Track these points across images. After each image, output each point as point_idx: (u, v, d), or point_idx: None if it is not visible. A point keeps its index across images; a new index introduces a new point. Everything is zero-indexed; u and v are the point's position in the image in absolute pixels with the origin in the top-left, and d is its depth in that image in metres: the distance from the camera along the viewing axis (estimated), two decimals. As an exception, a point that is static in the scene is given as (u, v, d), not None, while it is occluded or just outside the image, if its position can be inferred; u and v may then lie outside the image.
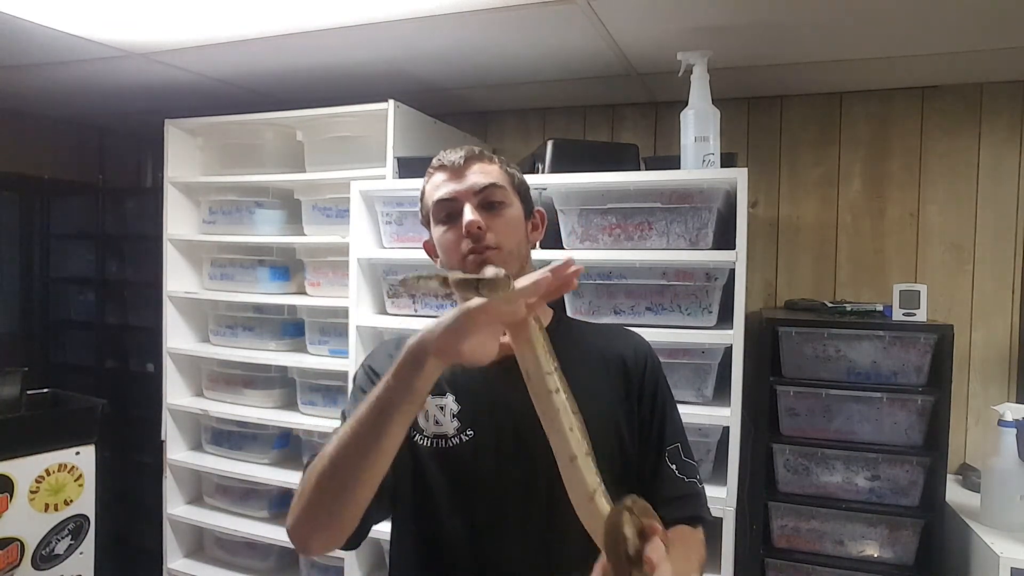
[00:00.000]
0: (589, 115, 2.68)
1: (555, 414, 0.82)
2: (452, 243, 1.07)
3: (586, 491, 0.80)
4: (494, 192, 1.08)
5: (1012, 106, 2.21)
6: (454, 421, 1.06)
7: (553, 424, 0.83)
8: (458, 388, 1.09)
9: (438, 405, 1.08)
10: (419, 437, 1.08)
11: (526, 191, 1.16)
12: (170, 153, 2.61)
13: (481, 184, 1.07)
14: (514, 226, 1.10)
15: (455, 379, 1.10)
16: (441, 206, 1.09)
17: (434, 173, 1.12)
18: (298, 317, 2.53)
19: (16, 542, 2.06)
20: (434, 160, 1.13)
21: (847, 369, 1.94)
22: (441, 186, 1.09)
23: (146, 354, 3.11)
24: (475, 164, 1.10)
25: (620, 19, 1.78)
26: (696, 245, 1.84)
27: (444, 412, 1.08)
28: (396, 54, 2.11)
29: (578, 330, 1.20)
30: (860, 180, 2.37)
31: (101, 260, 3.29)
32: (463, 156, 1.09)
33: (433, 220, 1.11)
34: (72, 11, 1.82)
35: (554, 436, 0.83)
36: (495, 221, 1.07)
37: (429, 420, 1.08)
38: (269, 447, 2.52)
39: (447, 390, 1.09)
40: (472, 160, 1.10)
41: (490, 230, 1.05)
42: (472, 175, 1.08)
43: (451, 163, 1.09)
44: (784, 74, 2.21)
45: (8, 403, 2.22)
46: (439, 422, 1.07)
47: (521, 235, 1.12)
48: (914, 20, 1.74)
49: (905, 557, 1.89)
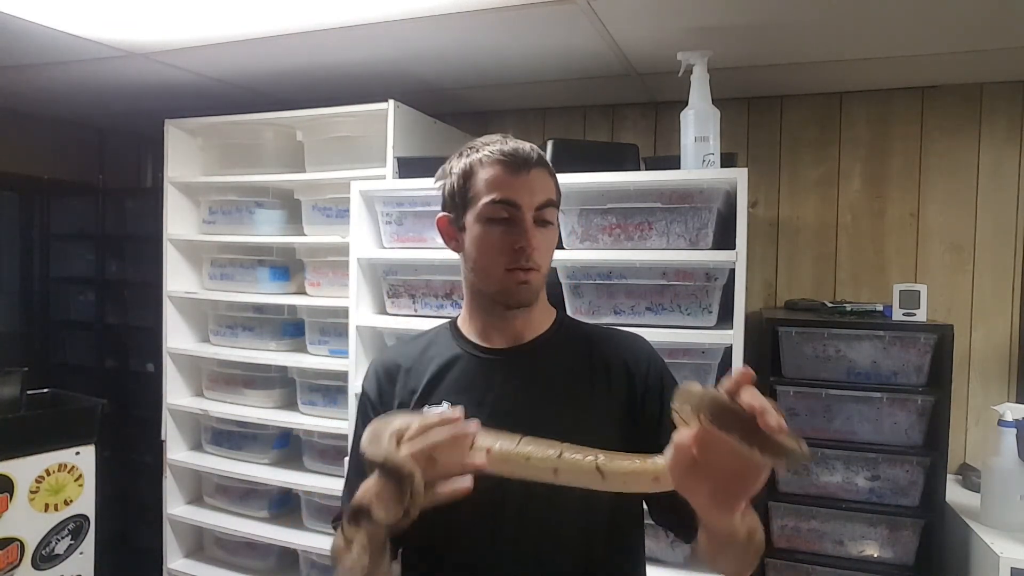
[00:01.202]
0: (589, 115, 2.68)
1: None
2: (500, 250, 1.03)
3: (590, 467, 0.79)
4: (550, 212, 1.06)
5: (1012, 106, 2.21)
6: None
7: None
8: (452, 391, 1.08)
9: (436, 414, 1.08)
10: None
11: (560, 199, 1.14)
12: (170, 153, 2.61)
13: (542, 201, 1.05)
14: (553, 246, 1.10)
15: (448, 381, 1.09)
16: (498, 208, 1.03)
17: (495, 163, 1.04)
18: (298, 317, 2.53)
19: (16, 542, 2.06)
20: (494, 145, 1.06)
21: (847, 369, 1.94)
22: (502, 184, 1.03)
23: (146, 354, 3.11)
24: (541, 173, 1.06)
25: (620, 19, 1.78)
26: (696, 245, 1.84)
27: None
28: (396, 54, 2.11)
29: (578, 334, 1.17)
30: (860, 180, 2.37)
31: (101, 260, 3.29)
32: (533, 158, 1.05)
33: (479, 213, 1.05)
34: (72, 11, 1.82)
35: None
36: (544, 242, 1.05)
37: None
38: (269, 447, 2.52)
39: (442, 397, 1.08)
40: (539, 166, 1.06)
41: (537, 250, 1.04)
42: (536, 185, 1.04)
43: (523, 161, 1.04)
44: (784, 74, 2.21)
45: (8, 403, 2.22)
46: None
47: (553, 253, 1.11)
48: (914, 20, 1.74)
49: (905, 557, 1.89)
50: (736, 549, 0.83)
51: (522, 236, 1.02)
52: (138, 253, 3.18)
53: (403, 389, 1.12)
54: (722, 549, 0.85)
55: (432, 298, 2.14)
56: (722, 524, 0.77)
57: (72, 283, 3.43)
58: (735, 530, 0.79)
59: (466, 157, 1.08)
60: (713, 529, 0.80)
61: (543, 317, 1.13)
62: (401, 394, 1.11)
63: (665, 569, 1.88)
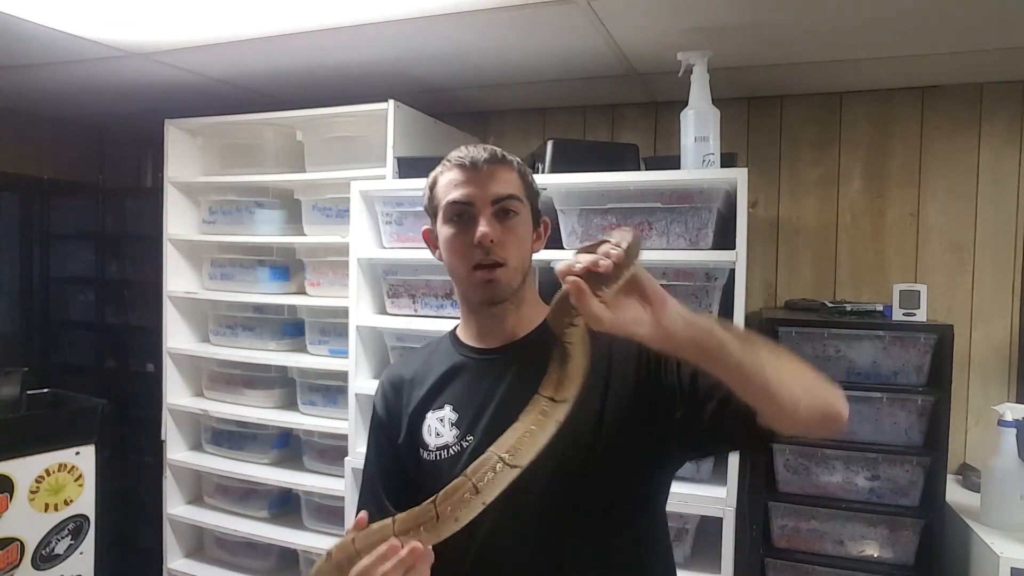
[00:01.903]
0: (589, 115, 2.68)
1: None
2: (460, 249, 1.05)
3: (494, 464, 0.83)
4: (510, 204, 1.05)
5: (1012, 106, 2.21)
6: (453, 430, 1.07)
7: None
8: (454, 396, 1.10)
9: (438, 418, 1.09)
10: (426, 453, 1.08)
11: (536, 200, 1.13)
12: (170, 153, 2.61)
13: (500, 194, 1.04)
14: (523, 240, 1.08)
15: (451, 388, 1.11)
16: (454, 208, 1.05)
17: (452, 168, 1.07)
18: (298, 317, 2.53)
19: (16, 542, 2.06)
20: (454, 153, 1.08)
21: (847, 369, 1.94)
22: (458, 186, 1.05)
23: (146, 354, 3.10)
24: (497, 169, 1.06)
25: (620, 19, 1.78)
26: (696, 245, 1.84)
27: (444, 423, 1.08)
28: (396, 54, 2.11)
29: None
30: (860, 180, 2.37)
31: (101, 260, 3.29)
32: (486, 158, 1.05)
33: (442, 217, 1.08)
34: (72, 11, 1.82)
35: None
36: (507, 235, 1.04)
37: (431, 434, 1.09)
38: (269, 447, 2.52)
39: (444, 401, 1.10)
40: (495, 164, 1.06)
41: (500, 244, 1.03)
42: (493, 181, 1.05)
43: (472, 163, 1.05)
44: (784, 74, 2.21)
45: (8, 403, 2.22)
46: (440, 434, 1.08)
47: (528, 248, 1.09)
48: (914, 20, 1.74)
49: (905, 557, 1.89)
50: (747, 356, 0.81)
51: (479, 231, 1.02)
52: (138, 253, 3.18)
53: (409, 400, 1.14)
54: (746, 369, 0.81)
55: (432, 298, 2.14)
56: (681, 332, 0.79)
57: (72, 283, 3.43)
58: (709, 334, 0.80)
59: (434, 171, 1.12)
60: (710, 351, 0.81)
61: (535, 313, 1.12)
62: (408, 405, 1.14)
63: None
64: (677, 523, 1.89)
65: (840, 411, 0.88)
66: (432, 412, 1.10)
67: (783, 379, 0.83)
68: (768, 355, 0.84)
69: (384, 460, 1.17)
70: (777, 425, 0.86)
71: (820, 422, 0.87)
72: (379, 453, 1.18)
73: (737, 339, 0.82)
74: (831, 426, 0.88)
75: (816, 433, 0.89)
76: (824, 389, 0.88)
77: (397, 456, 1.14)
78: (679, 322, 0.79)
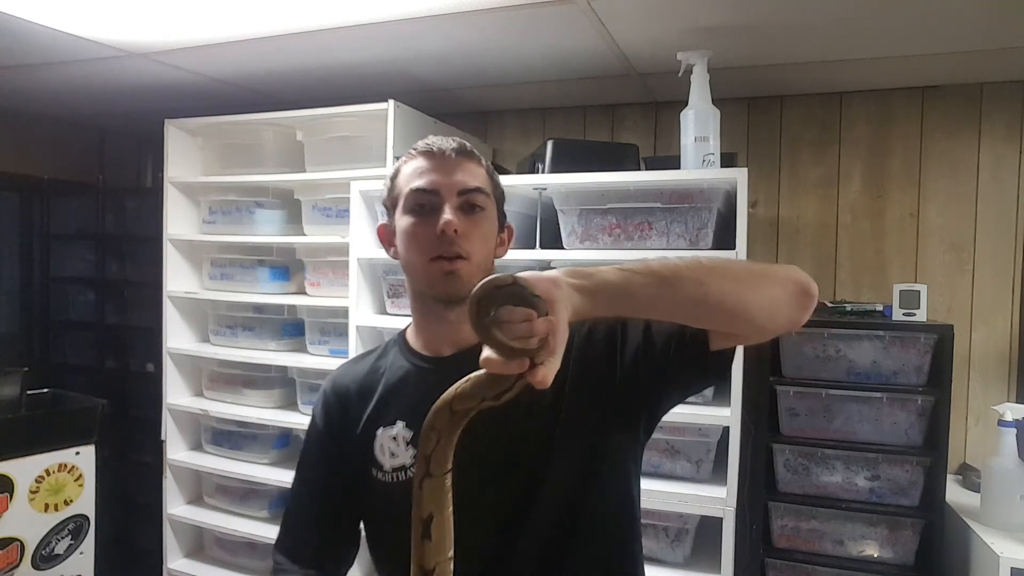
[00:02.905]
0: (589, 115, 2.68)
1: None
2: (420, 239, 0.98)
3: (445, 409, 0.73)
4: (477, 197, 1.00)
5: (1012, 106, 2.21)
6: (408, 449, 0.98)
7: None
8: (406, 411, 1.00)
9: (391, 436, 1.00)
10: (380, 475, 1.00)
11: (502, 202, 1.08)
12: (170, 153, 2.61)
13: (467, 185, 0.99)
14: (488, 237, 1.02)
15: (401, 402, 1.02)
16: (417, 196, 0.99)
17: (416, 156, 1.02)
18: (298, 317, 2.53)
19: (16, 542, 2.06)
20: (420, 142, 1.02)
21: (847, 369, 1.94)
22: (424, 173, 0.99)
23: (146, 354, 3.11)
24: (465, 161, 1.01)
25: (620, 19, 1.78)
26: (696, 245, 1.84)
27: (398, 442, 0.99)
28: (396, 54, 2.11)
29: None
30: (860, 180, 2.37)
31: (101, 260, 3.29)
32: (454, 149, 1.00)
33: (402, 207, 1.01)
34: (72, 11, 1.82)
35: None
36: (472, 228, 0.98)
37: (385, 454, 1.00)
38: (269, 447, 2.52)
39: (395, 417, 1.01)
40: (463, 156, 1.01)
41: (464, 237, 0.96)
42: (460, 172, 0.99)
43: (439, 151, 1.00)
44: (784, 74, 2.21)
45: (8, 403, 2.22)
46: (395, 453, 0.99)
47: (491, 247, 1.03)
48: (914, 20, 1.74)
49: (905, 557, 1.89)
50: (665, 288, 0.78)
51: (446, 222, 0.96)
52: (138, 253, 3.18)
53: (357, 414, 1.05)
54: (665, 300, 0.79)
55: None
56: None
57: (72, 283, 3.43)
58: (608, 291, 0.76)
59: (398, 160, 1.06)
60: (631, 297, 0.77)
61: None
62: (355, 421, 1.04)
63: (665, 569, 1.88)
64: (677, 523, 1.89)
65: (801, 285, 0.85)
66: (383, 429, 1.01)
67: (721, 289, 0.80)
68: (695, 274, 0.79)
69: (320, 480, 1.07)
70: (748, 335, 0.86)
71: (788, 310, 0.85)
72: (314, 471, 1.08)
73: (645, 275, 0.78)
74: (804, 304, 0.86)
75: (796, 319, 0.86)
76: (773, 277, 0.86)
77: (336, 475, 1.05)
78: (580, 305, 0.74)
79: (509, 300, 0.69)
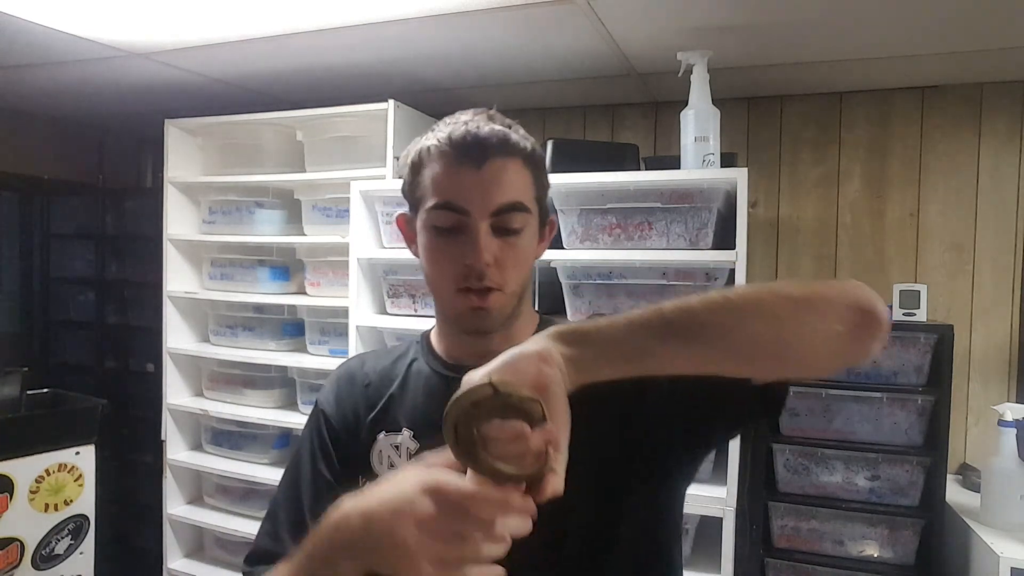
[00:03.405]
0: (589, 115, 2.67)
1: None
2: (446, 264, 0.85)
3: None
4: (514, 218, 0.84)
5: (1012, 106, 2.21)
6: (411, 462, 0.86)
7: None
8: (416, 419, 0.88)
9: (392, 444, 0.89)
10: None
11: (545, 196, 0.91)
12: (170, 153, 2.61)
13: (503, 203, 0.83)
14: (526, 259, 0.87)
15: (411, 408, 0.91)
16: (443, 215, 0.83)
17: (440, 153, 0.84)
18: (298, 317, 2.53)
19: (16, 542, 2.06)
20: (451, 127, 0.85)
21: (847, 369, 1.94)
22: (447, 184, 0.83)
23: (146, 354, 3.11)
24: (503, 163, 0.83)
25: (620, 19, 1.78)
26: (696, 245, 1.84)
27: (400, 452, 0.88)
28: (396, 54, 2.11)
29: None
30: (860, 180, 2.36)
31: (101, 260, 3.29)
32: (494, 146, 0.83)
33: (425, 220, 0.86)
34: (72, 11, 1.82)
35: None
36: (507, 255, 0.84)
37: (383, 463, 0.88)
38: (269, 447, 2.52)
39: (403, 424, 0.89)
40: (501, 155, 0.83)
41: (499, 265, 0.83)
42: (495, 182, 0.82)
43: (475, 150, 0.82)
44: (784, 74, 2.21)
45: (8, 403, 2.22)
46: (394, 465, 0.87)
47: (530, 266, 0.89)
48: (914, 20, 1.74)
49: (905, 557, 1.89)
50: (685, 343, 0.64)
51: (472, 251, 0.81)
52: (138, 253, 3.18)
53: (364, 403, 0.94)
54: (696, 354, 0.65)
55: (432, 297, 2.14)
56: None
57: (72, 283, 3.43)
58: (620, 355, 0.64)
59: (420, 143, 0.88)
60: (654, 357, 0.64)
61: (524, 328, 0.92)
62: (362, 409, 0.94)
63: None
64: (677, 523, 1.89)
65: (863, 307, 0.66)
66: (386, 435, 0.89)
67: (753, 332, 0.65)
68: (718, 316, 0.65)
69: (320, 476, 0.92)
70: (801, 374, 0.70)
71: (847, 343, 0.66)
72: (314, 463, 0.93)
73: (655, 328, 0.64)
74: (870, 331, 0.66)
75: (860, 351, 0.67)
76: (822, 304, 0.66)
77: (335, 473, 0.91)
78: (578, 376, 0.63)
79: (493, 414, 0.58)
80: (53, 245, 3.41)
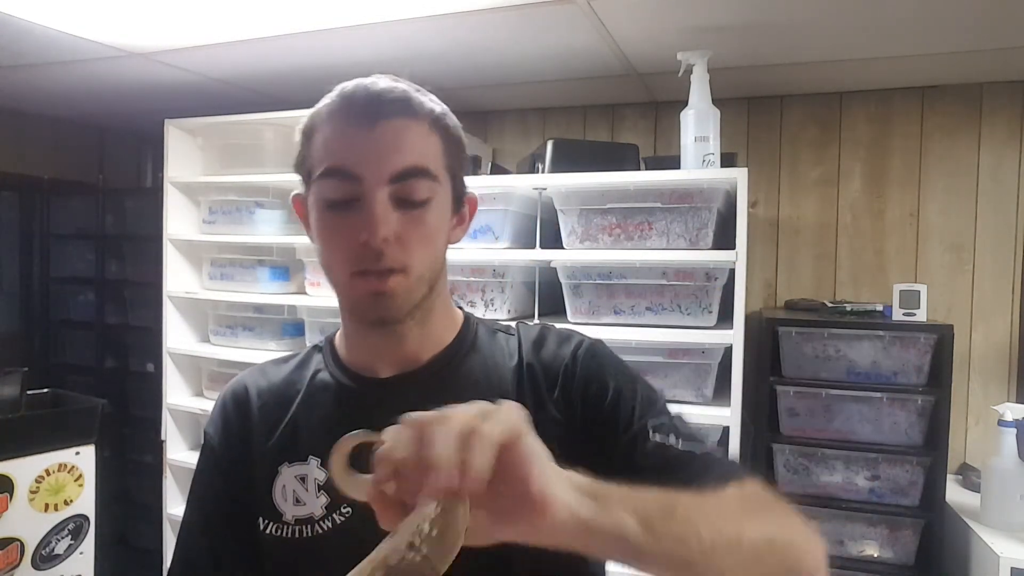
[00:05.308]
0: (589, 115, 2.67)
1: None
2: (339, 243, 0.71)
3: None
4: (418, 186, 0.71)
5: (1012, 106, 2.21)
6: (321, 496, 0.75)
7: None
8: (322, 446, 0.68)
9: (298, 476, 0.76)
10: (275, 527, 0.75)
11: (461, 167, 0.79)
12: (170, 153, 2.61)
13: (402, 168, 0.70)
14: (434, 236, 0.74)
15: (317, 432, 0.77)
16: (332, 184, 0.71)
17: (331, 113, 0.74)
18: (298, 317, 2.53)
19: (16, 542, 2.06)
20: (337, 88, 0.75)
21: (847, 369, 1.94)
22: (337, 147, 0.71)
23: (146, 354, 3.11)
24: (400, 122, 0.72)
25: (620, 19, 1.78)
26: (696, 245, 1.84)
27: (307, 485, 0.75)
28: (396, 54, 2.11)
29: (495, 344, 0.82)
30: (860, 180, 2.37)
31: (101, 260, 3.29)
32: (391, 103, 0.73)
33: (315, 191, 0.73)
34: (72, 11, 1.82)
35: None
36: (409, 230, 0.71)
37: (288, 500, 0.76)
38: (269, 447, 2.52)
39: (307, 452, 0.76)
40: (399, 115, 0.72)
41: (400, 243, 0.70)
42: (391, 145, 0.70)
43: (360, 107, 0.72)
44: (784, 74, 2.21)
45: (8, 403, 2.22)
46: (301, 500, 0.75)
47: (441, 246, 0.76)
48: (914, 20, 1.74)
49: (905, 557, 1.89)
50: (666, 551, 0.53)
51: (367, 225, 0.68)
52: (138, 253, 3.18)
53: (260, 429, 0.80)
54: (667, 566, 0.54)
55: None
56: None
57: (72, 283, 3.43)
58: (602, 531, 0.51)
59: (317, 105, 0.76)
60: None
61: (444, 327, 0.81)
62: (257, 437, 0.80)
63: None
64: (677, 523, 1.88)
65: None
66: (289, 466, 0.76)
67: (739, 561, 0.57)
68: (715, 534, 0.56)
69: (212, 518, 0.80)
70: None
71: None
72: (203, 504, 0.81)
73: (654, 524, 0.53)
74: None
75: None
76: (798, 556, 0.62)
77: (228, 514, 0.79)
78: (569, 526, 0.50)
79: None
80: (53, 245, 3.41)
